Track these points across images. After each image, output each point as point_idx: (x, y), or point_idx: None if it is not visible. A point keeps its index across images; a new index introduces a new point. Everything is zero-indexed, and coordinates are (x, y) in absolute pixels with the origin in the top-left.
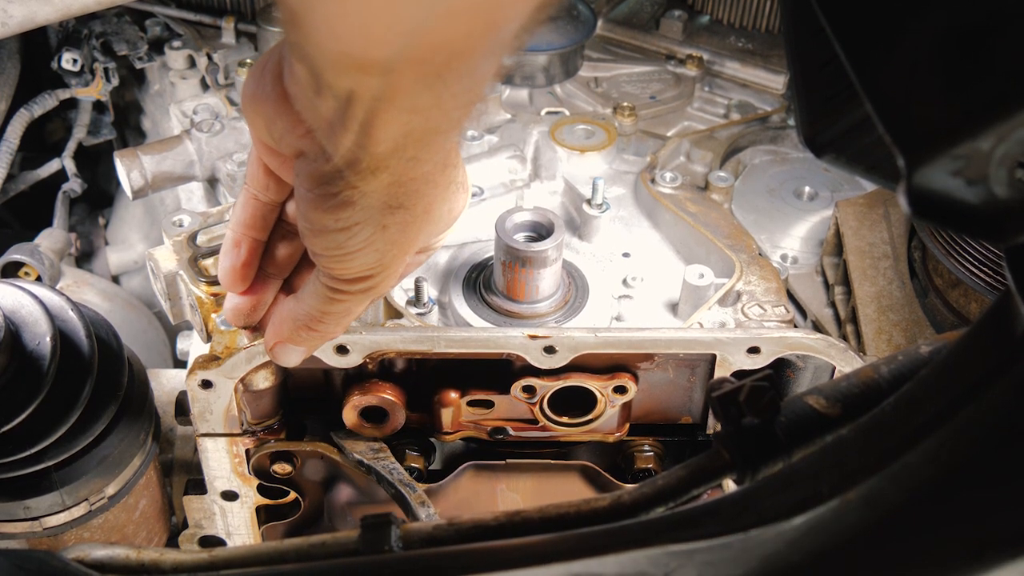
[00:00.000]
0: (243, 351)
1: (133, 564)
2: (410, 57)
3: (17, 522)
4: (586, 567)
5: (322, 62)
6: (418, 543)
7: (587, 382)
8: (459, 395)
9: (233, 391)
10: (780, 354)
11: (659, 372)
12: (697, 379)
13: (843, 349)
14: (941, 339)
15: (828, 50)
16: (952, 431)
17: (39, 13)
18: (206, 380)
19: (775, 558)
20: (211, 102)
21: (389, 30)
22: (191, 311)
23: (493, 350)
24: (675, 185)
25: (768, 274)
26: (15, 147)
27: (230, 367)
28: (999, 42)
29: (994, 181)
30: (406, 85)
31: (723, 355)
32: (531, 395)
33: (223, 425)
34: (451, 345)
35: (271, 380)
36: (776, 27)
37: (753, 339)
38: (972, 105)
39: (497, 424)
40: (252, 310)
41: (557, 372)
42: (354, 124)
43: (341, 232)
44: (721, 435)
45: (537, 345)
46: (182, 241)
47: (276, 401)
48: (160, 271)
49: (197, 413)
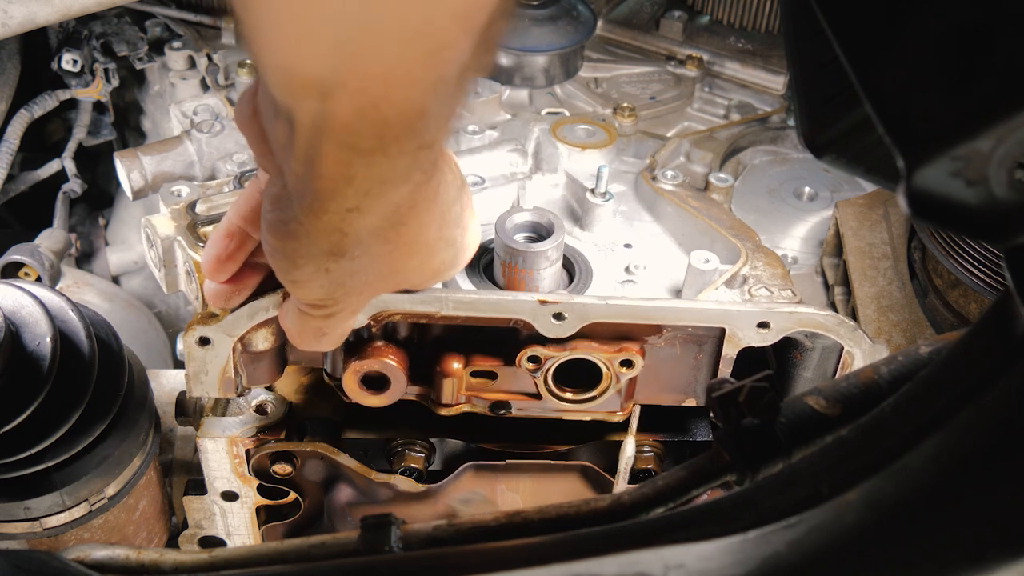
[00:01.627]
0: (245, 306)
1: (133, 565)
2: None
3: (17, 522)
4: (586, 568)
5: (268, 77)
6: (418, 543)
7: (594, 353)
8: (462, 364)
9: (231, 350)
10: (790, 330)
11: (666, 348)
12: (704, 357)
13: (853, 328)
14: (941, 340)
15: (828, 51)
16: (952, 431)
17: (39, 14)
18: (204, 337)
19: (775, 559)
20: (211, 103)
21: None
22: (187, 279)
23: (502, 314)
24: (676, 183)
25: (773, 261)
26: (15, 147)
27: (230, 323)
28: (999, 42)
29: (994, 182)
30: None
31: (732, 329)
32: (537, 366)
33: (218, 388)
34: (459, 308)
35: (271, 341)
36: (776, 27)
37: (764, 313)
38: (972, 106)
39: (499, 398)
40: (231, 296)
41: (564, 342)
42: (301, 152)
43: (287, 259)
44: (721, 436)
45: (547, 311)
46: (180, 209)
47: (274, 366)
48: (157, 236)
49: (192, 374)
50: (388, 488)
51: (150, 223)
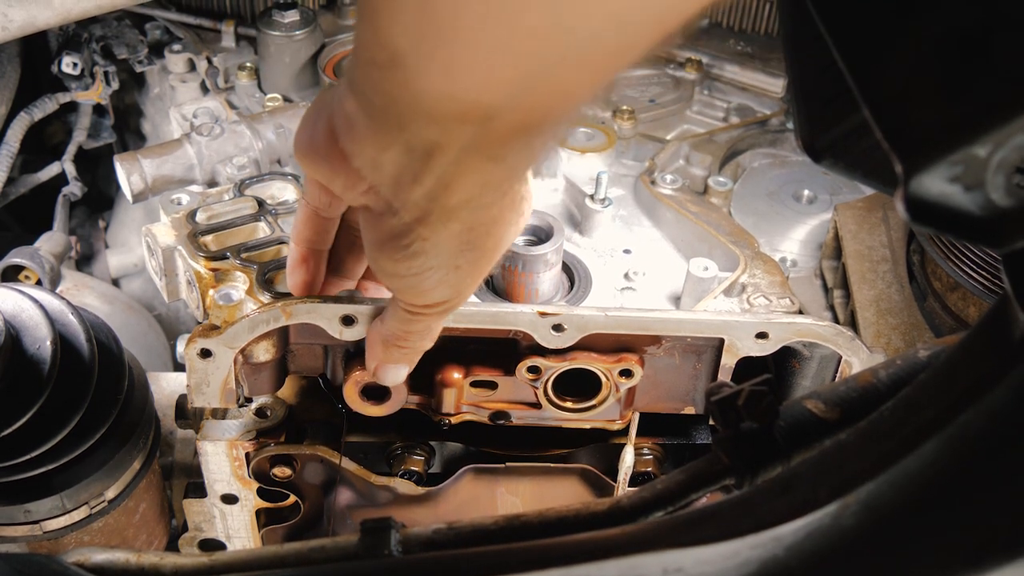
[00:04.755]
0: (246, 319)
1: (133, 568)
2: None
3: (17, 526)
4: (586, 572)
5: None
6: (418, 547)
7: (593, 364)
8: (462, 375)
9: (232, 362)
10: (788, 340)
11: (665, 358)
12: (703, 366)
13: (851, 338)
14: (939, 343)
15: (826, 55)
16: (951, 435)
17: (39, 17)
18: (205, 349)
19: (773, 562)
20: (211, 106)
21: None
22: (188, 287)
23: (501, 326)
24: (675, 187)
25: (772, 269)
26: (15, 150)
27: (231, 336)
28: (997, 48)
29: (991, 187)
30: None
31: (731, 340)
32: (536, 376)
33: (219, 399)
34: (459, 319)
35: (271, 353)
36: (775, 30)
37: (762, 324)
38: (969, 111)
39: (499, 408)
40: None
41: (564, 352)
42: (429, 178)
43: (413, 277)
44: (720, 439)
45: (546, 323)
46: (180, 218)
47: (275, 377)
48: (157, 246)
49: (193, 385)
50: (388, 491)
51: (151, 232)
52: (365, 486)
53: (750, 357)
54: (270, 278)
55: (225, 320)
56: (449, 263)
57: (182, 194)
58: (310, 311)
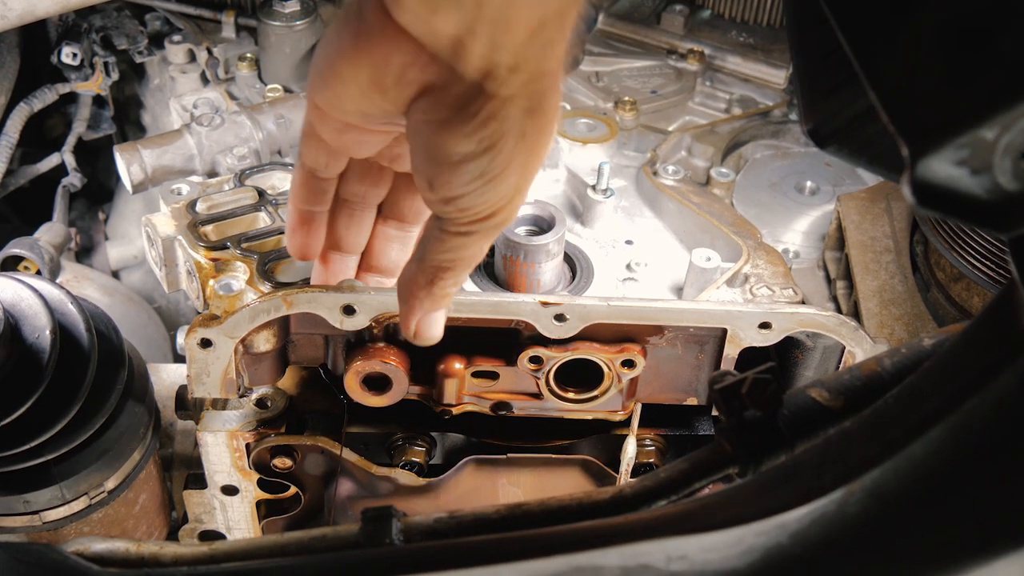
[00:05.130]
0: (246, 309)
1: (133, 557)
2: None
3: (16, 516)
4: (589, 559)
5: None
6: (419, 536)
7: (595, 354)
8: (464, 365)
9: (233, 352)
10: (791, 331)
11: (667, 348)
12: (705, 357)
13: (854, 328)
14: (944, 332)
15: (831, 40)
16: (956, 423)
17: (39, 6)
18: (206, 339)
19: (778, 550)
20: (211, 96)
21: None
22: (188, 277)
23: (503, 316)
24: (677, 178)
25: (775, 259)
26: (15, 141)
27: (232, 325)
28: (1004, 31)
29: (999, 171)
30: None
31: (734, 330)
32: (538, 366)
33: (220, 389)
34: (461, 309)
35: (272, 343)
36: (777, 21)
37: (765, 314)
38: (977, 94)
39: (501, 398)
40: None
41: (566, 342)
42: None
43: (485, 153)
44: (723, 428)
45: (548, 312)
46: (180, 208)
47: (275, 367)
48: (157, 236)
49: (193, 375)
50: (389, 482)
51: (150, 222)
52: (366, 477)
53: (753, 348)
54: (270, 268)
55: (225, 310)
56: (518, 128)
57: (182, 184)
58: (311, 300)
